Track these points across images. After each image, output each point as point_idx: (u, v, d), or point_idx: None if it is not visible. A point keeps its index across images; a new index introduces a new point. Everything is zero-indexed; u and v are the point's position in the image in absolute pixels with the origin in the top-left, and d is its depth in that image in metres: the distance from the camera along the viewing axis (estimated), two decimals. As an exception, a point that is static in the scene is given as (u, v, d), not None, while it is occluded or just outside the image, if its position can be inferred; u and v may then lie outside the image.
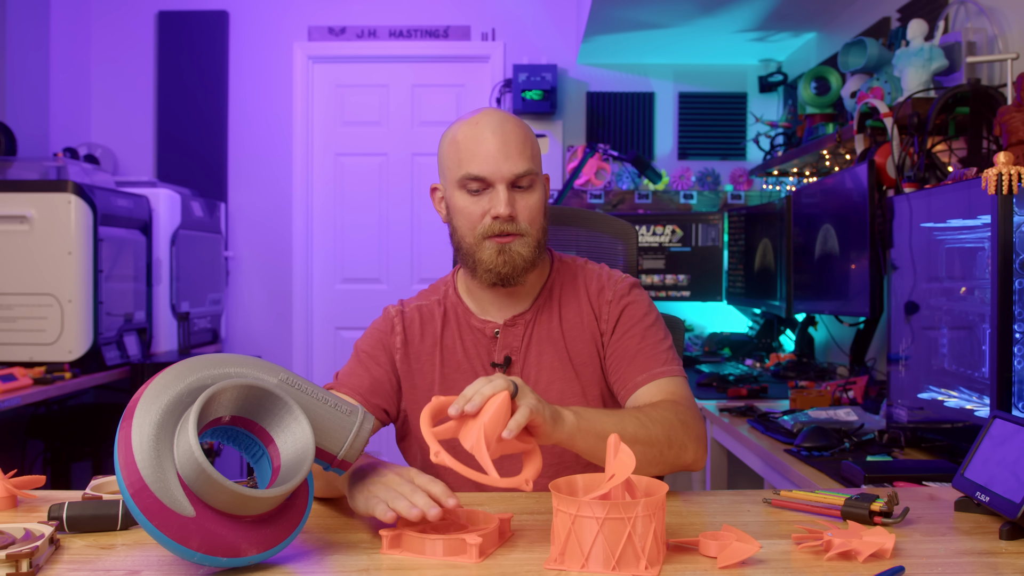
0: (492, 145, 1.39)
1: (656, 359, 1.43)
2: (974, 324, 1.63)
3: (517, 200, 1.40)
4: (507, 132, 1.40)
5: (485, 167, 1.38)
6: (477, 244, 1.42)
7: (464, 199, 1.42)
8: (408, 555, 1.01)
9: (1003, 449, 1.14)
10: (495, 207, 1.38)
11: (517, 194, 1.40)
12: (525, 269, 1.42)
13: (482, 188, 1.40)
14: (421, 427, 1.06)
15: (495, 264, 1.40)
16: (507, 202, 1.38)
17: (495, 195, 1.39)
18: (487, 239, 1.40)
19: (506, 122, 1.41)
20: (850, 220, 2.48)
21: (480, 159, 1.39)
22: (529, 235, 1.41)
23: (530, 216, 1.41)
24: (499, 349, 1.48)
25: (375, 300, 4.37)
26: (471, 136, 1.41)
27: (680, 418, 1.30)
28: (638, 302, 1.50)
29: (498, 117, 1.42)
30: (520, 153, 1.39)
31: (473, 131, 1.41)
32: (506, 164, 1.38)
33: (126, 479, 0.91)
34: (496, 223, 1.39)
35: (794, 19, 3.56)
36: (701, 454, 1.32)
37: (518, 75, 4.12)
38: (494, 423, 1.05)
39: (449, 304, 1.52)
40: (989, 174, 1.41)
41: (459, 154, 1.41)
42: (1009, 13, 2.18)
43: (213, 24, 4.32)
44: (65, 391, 2.90)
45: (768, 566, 0.97)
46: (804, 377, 2.85)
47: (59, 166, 3.24)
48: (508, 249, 1.40)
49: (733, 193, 4.20)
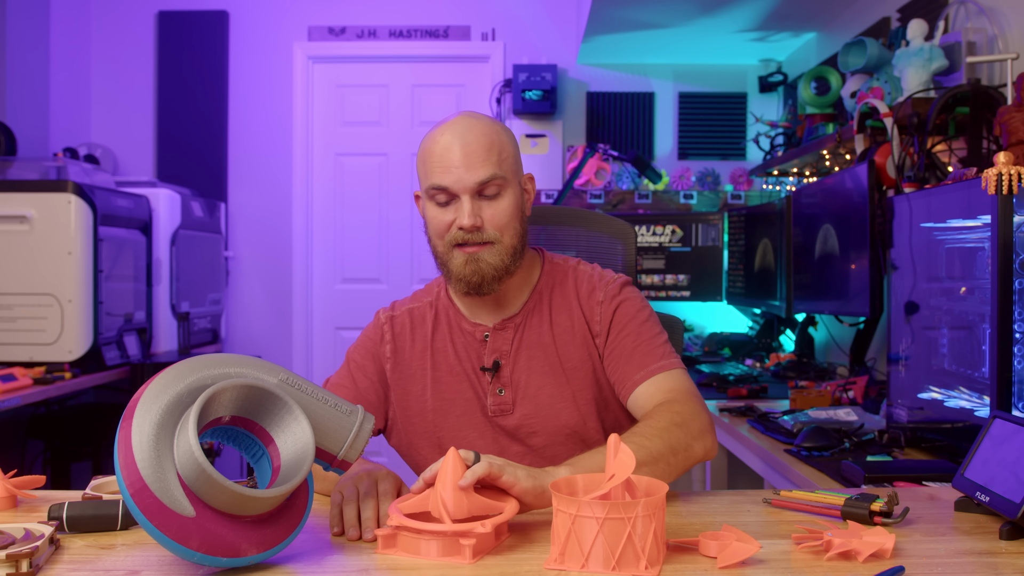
0: (454, 155, 1.37)
1: (652, 355, 1.42)
2: (974, 324, 1.63)
3: (484, 208, 1.38)
4: (470, 140, 1.38)
5: (447, 177, 1.37)
6: (447, 253, 1.41)
7: (432, 209, 1.41)
8: (403, 555, 1.01)
9: (1003, 449, 1.14)
10: (459, 218, 1.37)
11: (484, 202, 1.39)
12: (496, 278, 1.40)
13: (448, 198, 1.39)
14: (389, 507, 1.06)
15: (463, 274, 1.40)
16: (470, 212, 1.37)
17: (460, 205, 1.38)
18: (455, 248, 1.40)
19: (471, 129, 1.39)
20: (850, 220, 2.48)
21: (442, 169, 1.37)
22: (499, 243, 1.39)
23: (498, 223, 1.39)
24: (488, 353, 1.47)
25: (375, 300, 4.37)
26: (436, 145, 1.40)
27: (677, 419, 1.29)
28: (630, 300, 1.48)
29: (464, 124, 1.40)
30: (483, 161, 1.37)
31: (438, 141, 1.39)
32: (468, 174, 1.36)
33: (126, 479, 0.91)
34: (461, 233, 1.38)
35: (794, 19, 3.56)
36: (710, 444, 1.30)
37: (518, 75, 4.11)
38: (443, 478, 1.04)
39: (440, 306, 1.52)
40: (989, 174, 1.41)
41: (425, 165, 1.41)
42: (1009, 13, 2.18)
43: (213, 24, 4.32)
44: (65, 391, 2.90)
45: (768, 566, 0.97)
46: (804, 377, 2.85)
47: (59, 166, 3.24)
48: (476, 259, 1.39)
49: (733, 193, 4.20)
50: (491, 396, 1.46)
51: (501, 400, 1.46)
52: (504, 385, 1.46)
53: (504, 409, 1.46)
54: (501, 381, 1.46)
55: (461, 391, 1.47)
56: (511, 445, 1.45)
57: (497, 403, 1.46)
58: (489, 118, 1.45)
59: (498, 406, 1.46)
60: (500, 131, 1.43)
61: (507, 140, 1.43)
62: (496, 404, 1.46)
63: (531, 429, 1.45)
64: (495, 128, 1.42)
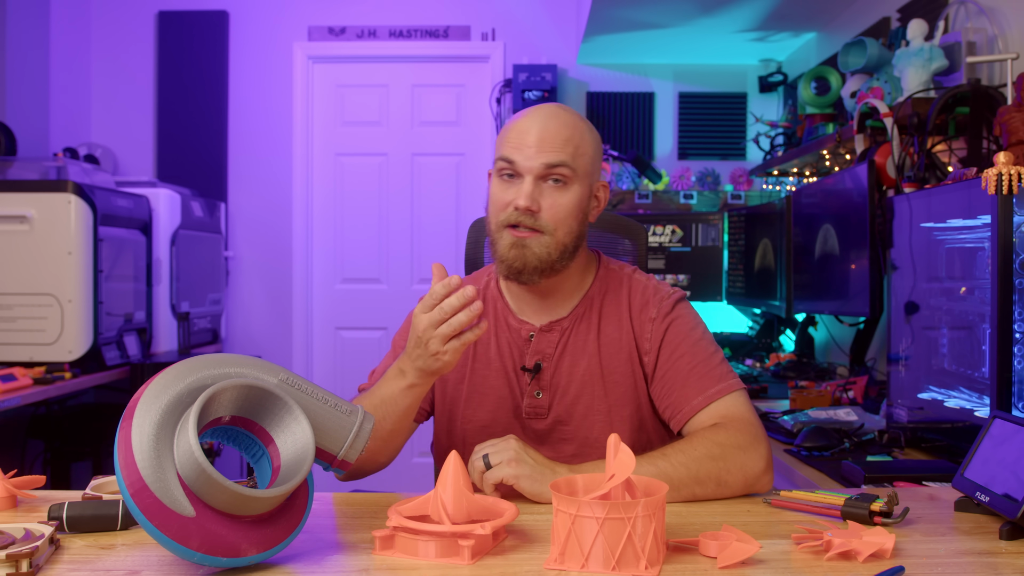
0: (531, 134, 1.35)
1: (709, 378, 1.37)
2: (974, 324, 1.63)
3: (545, 195, 1.35)
4: (550, 126, 1.35)
5: (517, 153, 1.35)
6: (497, 232, 1.38)
7: (496, 184, 1.39)
8: (400, 556, 1.01)
9: (1003, 449, 1.14)
10: (517, 197, 1.34)
11: (547, 189, 1.35)
12: (539, 270, 1.36)
13: (513, 176, 1.36)
14: None
15: (507, 256, 1.36)
16: (529, 194, 1.33)
17: (521, 185, 1.35)
18: (506, 228, 1.36)
19: (555, 116, 1.37)
20: (850, 220, 2.48)
21: (515, 144, 1.35)
22: (551, 235, 1.35)
23: (555, 215, 1.35)
24: (531, 354, 1.43)
25: (375, 300, 4.38)
26: (517, 122, 1.37)
27: (716, 451, 1.25)
28: (683, 317, 1.43)
29: (550, 110, 1.38)
30: (557, 148, 1.34)
31: (521, 118, 1.38)
32: (537, 155, 1.34)
33: (126, 479, 0.91)
34: (515, 214, 1.34)
35: (794, 19, 3.55)
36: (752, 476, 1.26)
37: (518, 75, 4.12)
38: (443, 480, 1.04)
39: (489, 296, 1.48)
40: (989, 174, 1.41)
41: (501, 137, 1.39)
42: (1009, 13, 2.18)
43: (213, 24, 4.32)
44: (65, 391, 2.89)
45: (768, 566, 0.97)
46: (804, 377, 2.85)
47: (59, 166, 3.24)
48: (523, 244, 1.35)
49: (733, 193, 4.20)
50: (527, 397, 1.43)
51: (537, 403, 1.43)
52: (542, 388, 1.43)
53: (539, 412, 1.43)
54: (540, 384, 1.43)
55: (496, 387, 1.44)
56: (539, 449, 1.41)
57: (532, 405, 1.43)
58: (580, 116, 1.42)
59: (533, 408, 1.43)
60: (584, 129, 1.39)
61: (589, 140, 1.39)
62: (531, 406, 1.43)
63: (562, 436, 1.42)
64: (580, 125, 1.39)
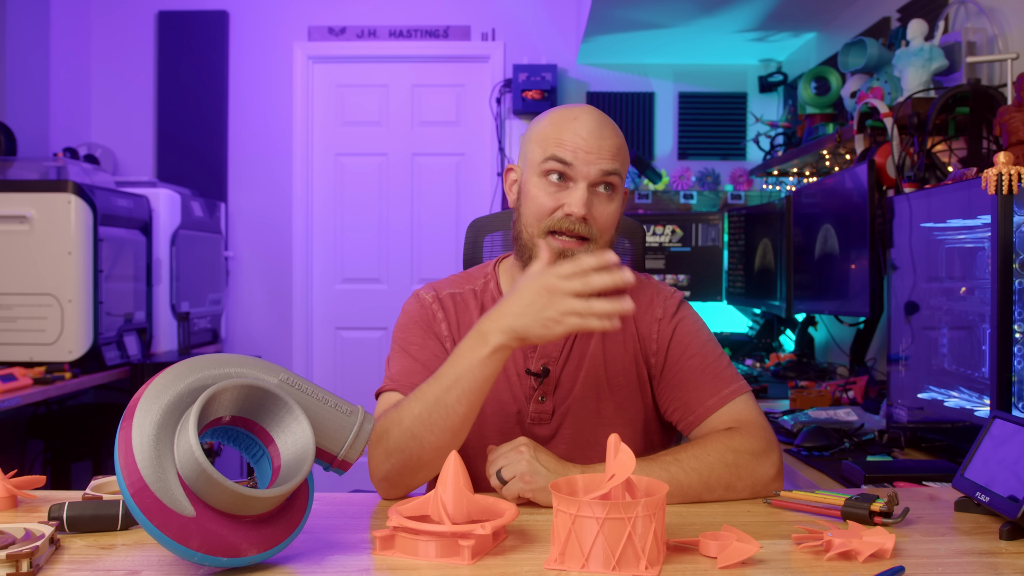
0: (588, 138, 1.29)
1: (720, 380, 1.36)
2: (974, 324, 1.63)
3: (595, 204, 1.30)
4: (605, 131, 1.31)
5: (575, 155, 1.29)
6: (538, 235, 1.31)
7: (540, 185, 1.32)
8: (400, 556, 1.01)
9: (1003, 449, 1.14)
10: (571, 203, 1.28)
11: (597, 197, 1.30)
12: None
13: (564, 179, 1.30)
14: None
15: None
16: (584, 201, 1.28)
17: (574, 191, 1.29)
18: (551, 234, 1.31)
19: (607, 123, 1.33)
20: (850, 220, 2.48)
21: (571, 145, 1.29)
22: (596, 243, 1.31)
23: (604, 223, 1.31)
24: (537, 357, 1.40)
25: (375, 300, 4.38)
26: (568, 119, 1.31)
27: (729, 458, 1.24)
28: (688, 318, 1.42)
29: (598, 115, 1.34)
30: (613, 154, 1.30)
31: (571, 116, 1.32)
32: (597, 159, 1.29)
33: (126, 479, 0.91)
34: (566, 220, 1.29)
35: (794, 19, 3.56)
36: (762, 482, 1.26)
37: (518, 75, 4.12)
38: (444, 480, 1.04)
39: (488, 298, 1.44)
40: (989, 174, 1.41)
41: (547, 139, 1.31)
42: (1009, 13, 2.18)
43: (213, 24, 4.32)
44: (65, 391, 2.89)
45: (768, 566, 0.97)
46: (804, 377, 2.85)
47: (59, 166, 3.24)
48: (568, 254, 1.28)
49: (733, 193, 4.20)
50: (533, 403, 1.40)
51: (541, 408, 1.40)
52: (546, 393, 1.40)
53: (543, 418, 1.40)
54: (544, 388, 1.40)
55: (497, 392, 1.39)
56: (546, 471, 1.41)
57: (537, 411, 1.40)
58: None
59: (537, 414, 1.40)
60: (623, 139, 1.37)
61: (627, 149, 1.37)
62: (536, 411, 1.40)
63: (565, 441, 1.40)
64: (621, 134, 1.36)
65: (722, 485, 1.24)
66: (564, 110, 1.35)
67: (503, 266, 1.48)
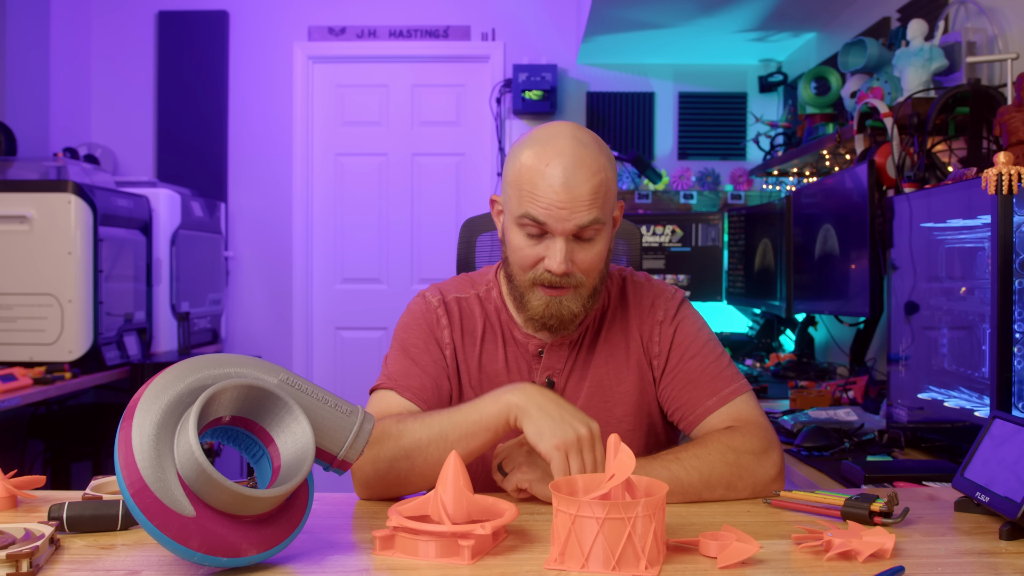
0: (559, 193, 1.24)
1: (720, 379, 1.36)
2: (974, 324, 1.63)
3: (576, 252, 1.28)
4: (579, 180, 1.25)
5: (547, 214, 1.25)
6: (527, 287, 1.32)
7: (519, 238, 1.30)
8: (400, 556, 1.01)
9: (1003, 449, 1.14)
10: (550, 260, 1.27)
11: (577, 245, 1.28)
12: (573, 321, 1.34)
13: (540, 233, 1.28)
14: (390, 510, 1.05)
15: (541, 315, 1.32)
16: (564, 259, 1.27)
17: (553, 246, 1.27)
18: (537, 286, 1.31)
19: (581, 165, 1.25)
20: (850, 220, 2.48)
21: (544, 204, 1.25)
22: (584, 287, 1.31)
23: (588, 268, 1.30)
24: (542, 370, 1.40)
25: (375, 300, 4.38)
26: (541, 165, 1.26)
27: (730, 457, 1.24)
28: (689, 318, 1.42)
29: (573, 156, 1.26)
30: (588, 205, 1.25)
31: (542, 168, 1.26)
32: (571, 216, 1.25)
33: (126, 479, 0.91)
34: (548, 275, 1.29)
35: (794, 19, 3.55)
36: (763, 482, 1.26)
37: (518, 75, 4.12)
38: (443, 480, 1.03)
39: (491, 306, 1.43)
40: (989, 174, 1.41)
41: (521, 189, 1.28)
42: (1009, 13, 2.18)
43: (213, 24, 4.32)
44: (65, 391, 2.89)
45: (768, 566, 0.97)
46: (804, 377, 2.85)
47: (59, 166, 3.24)
48: (559, 303, 1.30)
49: (733, 193, 4.20)
50: None
51: None
52: None
53: None
54: None
55: None
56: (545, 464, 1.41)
57: None
58: (596, 142, 1.31)
59: None
60: (607, 164, 1.29)
61: (611, 174, 1.30)
62: None
63: None
64: (602, 161, 1.29)
65: (723, 484, 1.24)
66: (538, 148, 1.28)
67: (503, 275, 1.47)
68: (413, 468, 1.24)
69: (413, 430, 1.24)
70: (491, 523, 1.00)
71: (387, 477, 1.25)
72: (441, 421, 1.24)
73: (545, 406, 1.19)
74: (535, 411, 1.19)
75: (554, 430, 1.16)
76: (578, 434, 1.16)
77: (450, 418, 1.24)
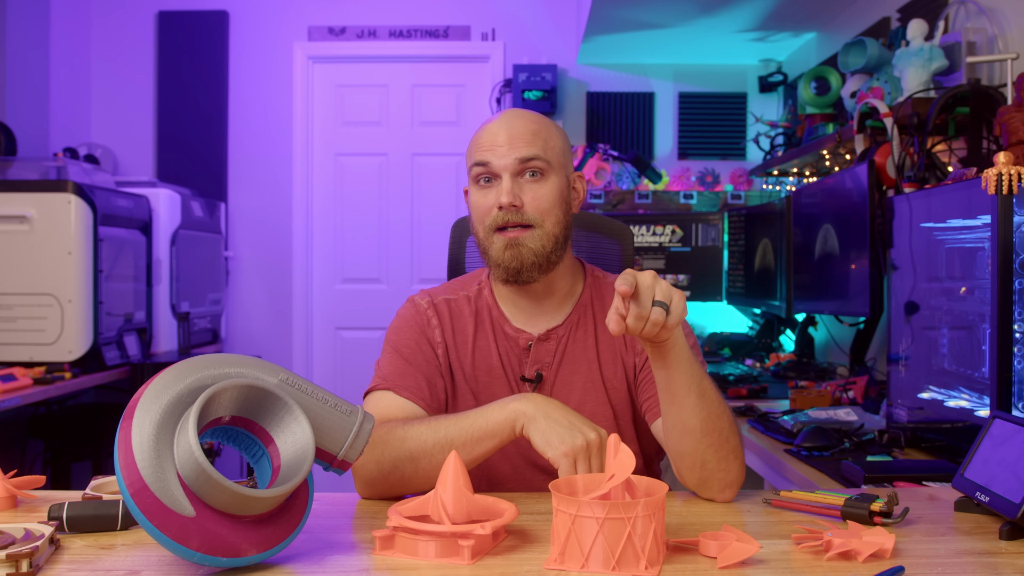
0: (499, 135, 1.38)
1: None
2: (974, 324, 1.63)
3: (525, 190, 1.37)
4: (516, 124, 1.39)
5: (489, 155, 1.38)
6: (487, 238, 1.39)
7: (476, 192, 1.41)
8: (400, 556, 1.00)
9: (1003, 449, 1.14)
10: (499, 196, 1.36)
11: (526, 184, 1.38)
12: (536, 265, 1.37)
13: (491, 179, 1.38)
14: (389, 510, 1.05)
15: (503, 259, 1.37)
16: (509, 190, 1.36)
17: (500, 185, 1.37)
18: (495, 232, 1.37)
19: (519, 116, 1.41)
20: (850, 220, 2.48)
21: (486, 148, 1.38)
22: (540, 227, 1.37)
23: (539, 206, 1.37)
24: (531, 363, 1.42)
25: (375, 300, 4.38)
26: (483, 130, 1.41)
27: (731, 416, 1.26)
28: None
29: (512, 112, 1.43)
30: (527, 142, 1.37)
31: (487, 125, 1.42)
32: (510, 151, 1.37)
33: (126, 479, 0.91)
34: (501, 214, 1.36)
35: (794, 19, 3.55)
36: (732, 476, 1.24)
37: (518, 75, 4.12)
38: (443, 480, 1.03)
39: (482, 305, 1.46)
40: (989, 174, 1.41)
41: (470, 149, 1.42)
42: (1009, 13, 2.18)
43: (213, 24, 4.32)
44: (65, 391, 2.89)
45: (768, 566, 0.97)
46: (804, 377, 2.85)
47: (59, 166, 3.24)
48: (517, 243, 1.36)
49: (733, 193, 4.20)
50: None
51: None
52: None
53: None
54: (541, 393, 1.40)
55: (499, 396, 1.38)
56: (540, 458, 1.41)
57: None
58: (544, 116, 1.46)
59: None
60: (549, 124, 1.43)
61: (556, 133, 1.43)
62: None
63: None
64: (544, 120, 1.43)
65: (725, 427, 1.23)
66: (483, 122, 1.44)
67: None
68: (417, 471, 1.25)
69: (419, 434, 1.26)
70: (491, 523, 1.00)
71: (390, 478, 1.27)
72: (447, 426, 1.25)
73: (552, 414, 1.21)
74: (542, 419, 1.20)
75: (562, 436, 1.18)
76: (587, 439, 1.18)
77: (456, 424, 1.25)
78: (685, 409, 1.21)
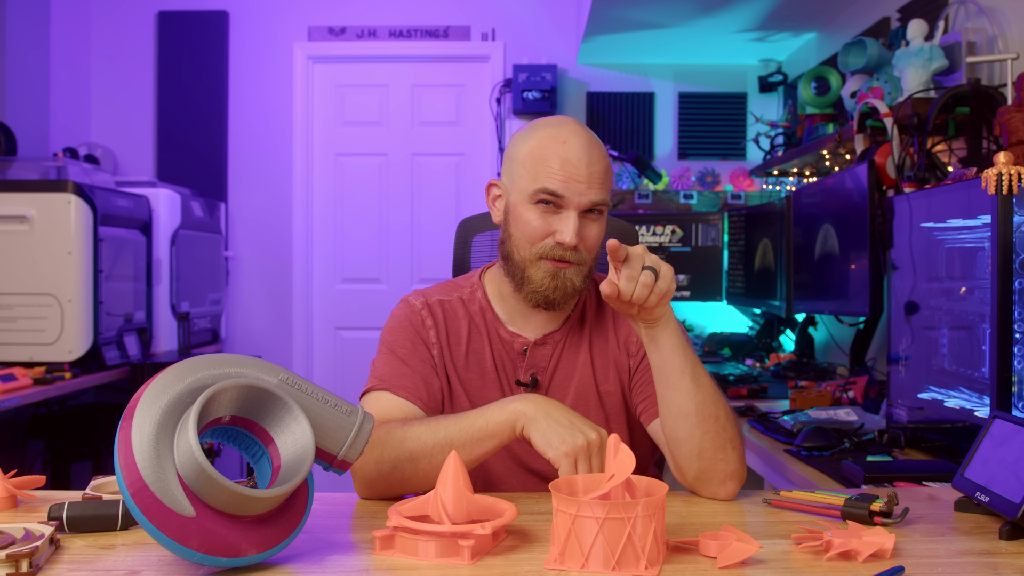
0: (580, 168, 1.32)
1: None
2: (974, 324, 1.63)
3: (584, 228, 1.33)
4: (595, 158, 1.33)
5: (566, 187, 1.31)
6: (531, 261, 1.35)
7: (531, 212, 1.34)
8: (400, 556, 1.00)
9: (1003, 449, 1.14)
10: (562, 232, 1.32)
11: (586, 222, 1.34)
12: (572, 296, 1.37)
13: (555, 207, 1.33)
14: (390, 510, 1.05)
15: (546, 287, 1.35)
16: (576, 231, 1.31)
17: (565, 219, 1.32)
18: (543, 259, 1.34)
19: (594, 146, 1.35)
20: (850, 220, 2.48)
21: (563, 177, 1.31)
22: (585, 264, 1.36)
23: (592, 246, 1.36)
24: (526, 368, 1.42)
25: (375, 300, 4.38)
26: (557, 143, 1.33)
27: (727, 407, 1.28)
28: None
29: (586, 137, 1.35)
30: (602, 182, 1.33)
31: (558, 146, 1.33)
32: (588, 191, 1.32)
33: (126, 479, 0.91)
34: (558, 249, 1.33)
35: (794, 19, 3.55)
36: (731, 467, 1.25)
37: (518, 75, 4.12)
38: (443, 480, 1.03)
39: (475, 308, 1.45)
40: (989, 174, 1.41)
41: (537, 165, 1.33)
42: (1009, 13, 2.18)
43: (213, 24, 4.32)
44: (65, 391, 2.90)
45: (768, 566, 0.97)
46: (804, 377, 2.85)
47: (59, 166, 3.24)
48: (562, 275, 1.34)
49: (733, 193, 4.20)
50: None
51: None
52: None
53: None
54: None
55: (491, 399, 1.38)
56: (534, 463, 1.40)
57: None
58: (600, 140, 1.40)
59: None
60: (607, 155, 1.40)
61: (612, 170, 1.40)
62: None
63: None
64: (605, 151, 1.39)
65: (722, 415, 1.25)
66: (551, 130, 1.35)
67: (488, 275, 1.49)
68: (417, 472, 1.25)
69: (419, 434, 1.26)
70: (491, 523, 1.00)
71: (390, 478, 1.27)
72: (447, 427, 1.25)
73: (552, 414, 1.21)
74: (542, 419, 1.20)
75: (563, 437, 1.18)
76: (588, 439, 1.18)
77: (456, 424, 1.25)
78: (680, 392, 1.23)
